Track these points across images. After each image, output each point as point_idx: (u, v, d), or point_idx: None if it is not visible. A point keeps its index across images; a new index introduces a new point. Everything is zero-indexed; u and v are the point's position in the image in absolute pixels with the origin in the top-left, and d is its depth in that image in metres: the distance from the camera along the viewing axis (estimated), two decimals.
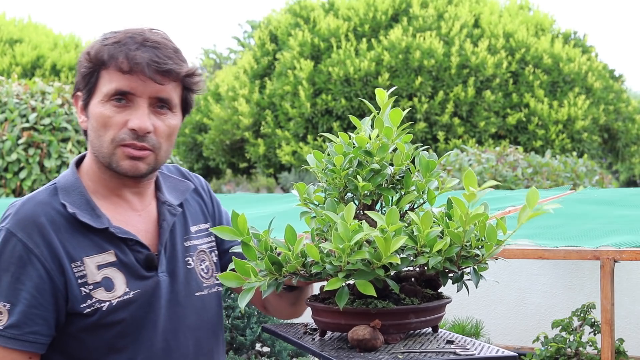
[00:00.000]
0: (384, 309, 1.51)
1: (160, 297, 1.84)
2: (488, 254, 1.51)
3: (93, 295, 1.77)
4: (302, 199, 1.66)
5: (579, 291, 4.58)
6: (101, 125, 1.78)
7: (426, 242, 1.48)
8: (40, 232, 1.76)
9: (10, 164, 8.55)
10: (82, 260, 1.77)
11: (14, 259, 1.74)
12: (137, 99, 1.78)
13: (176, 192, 1.96)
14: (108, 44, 1.78)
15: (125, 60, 1.75)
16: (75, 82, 1.86)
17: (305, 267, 1.51)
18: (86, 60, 1.80)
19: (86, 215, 1.80)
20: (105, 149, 1.79)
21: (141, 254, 1.83)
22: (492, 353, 1.47)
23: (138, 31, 1.80)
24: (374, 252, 1.44)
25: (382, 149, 1.60)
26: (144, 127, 1.77)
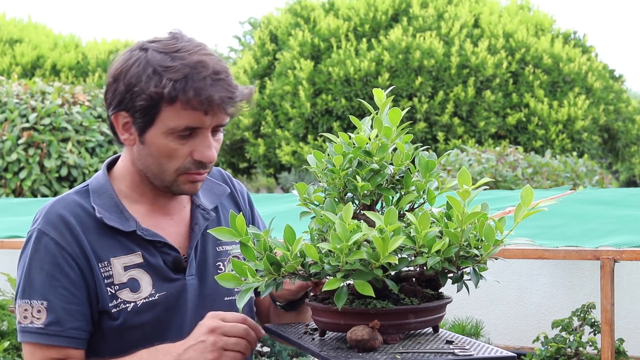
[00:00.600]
0: (383, 309, 1.51)
1: (187, 300, 1.84)
2: (487, 253, 1.51)
3: (119, 296, 1.78)
4: (302, 199, 1.66)
5: (579, 291, 4.58)
6: (165, 155, 1.77)
7: (424, 242, 1.48)
8: (71, 231, 1.77)
9: (10, 164, 8.55)
10: (109, 261, 1.79)
11: (47, 257, 1.76)
12: (203, 130, 1.76)
13: (212, 195, 1.96)
14: (174, 79, 1.70)
15: (200, 101, 1.70)
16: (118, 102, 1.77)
17: (304, 267, 1.51)
18: (147, 94, 1.71)
19: (114, 219, 1.81)
20: (168, 177, 1.80)
21: (169, 256, 1.83)
22: (491, 353, 1.47)
23: (199, 61, 1.72)
24: (372, 252, 1.44)
25: (381, 149, 1.61)
26: (213, 159, 1.79)
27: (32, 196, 8.53)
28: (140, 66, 1.74)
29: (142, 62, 1.74)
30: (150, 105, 1.73)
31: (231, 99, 1.74)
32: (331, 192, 1.64)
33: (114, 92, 1.77)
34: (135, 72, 1.74)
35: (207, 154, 1.77)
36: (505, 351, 1.49)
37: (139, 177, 1.85)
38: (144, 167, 1.82)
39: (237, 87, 1.76)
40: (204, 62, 1.73)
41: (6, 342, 3.88)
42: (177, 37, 1.79)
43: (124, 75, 1.76)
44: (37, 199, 7.34)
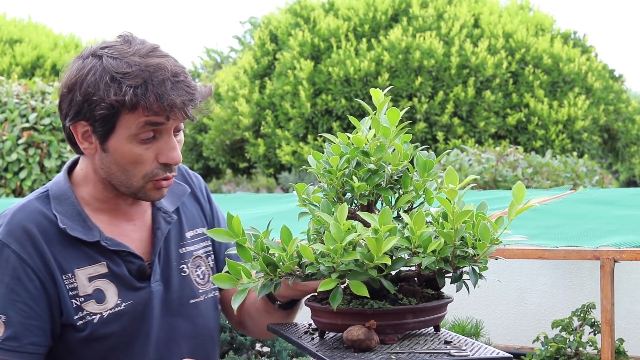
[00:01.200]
0: (380, 309, 1.51)
1: (153, 307, 1.82)
2: (483, 253, 1.50)
3: (84, 308, 1.76)
4: (301, 199, 1.66)
5: (579, 291, 4.58)
6: (131, 162, 1.74)
7: (420, 242, 1.48)
8: (33, 243, 1.74)
9: (10, 164, 8.55)
10: (73, 272, 1.75)
11: (8, 270, 1.72)
12: (165, 132, 1.74)
13: (173, 196, 1.92)
14: (133, 85, 1.67)
15: (159, 104, 1.67)
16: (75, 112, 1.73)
17: (301, 268, 1.51)
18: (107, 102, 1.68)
19: (77, 228, 1.77)
20: (136, 184, 1.76)
21: (134, 265, 1.81)
22: (487, 354, 1.47)
23: (156, 64, 1.69)
24: (367, 253, 1.44)
25: (379, 149, 1.60)
26: (179, 160, 1.77)
27: None
28: (97, 74, 1.70)
29: (98, 69, 1.70)
30: (111, 113, 1.69)
31: (192, 101, 1.72)
32: (329, 193, 1.64)
33: (70, 102, 1.73)
34: (92, 81, 1.70)
35: (172, 155, 1.75)
36: (502, 352, 1.49)
37: (101, 184, 1.81)
38: (109, 175, 1.78)
39: (196, 87, 1.74)
40: (161, 65, 1.69)
41: None
42: (129, 40, 1.75)
43: (79, 85, 1.71)
44: None
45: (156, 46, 1.76)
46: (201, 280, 1.93)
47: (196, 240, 1.95)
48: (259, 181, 24.90)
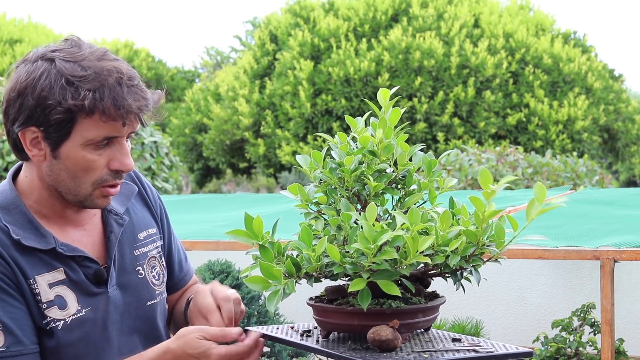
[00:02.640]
0: (398, 309, 1.51)
1: (111, 312, 1.79)
2: (501, 250, 1.52)
3: (48, 314, 1.72)
4: (304, 199, 1.66)
5: (579, 291, 4.58)
6: (82, 169, 1.69)
7: (444, 241, 1.49)
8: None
9: (10, 164, 8.56)
10: (34, 279, 1.71)
11: None
12: (120, 139, 1.70)
13: (121, 196, 1.87)
14: (90, 89, 1.62)
15: (116, 110, 1.63)
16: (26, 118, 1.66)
17: (320, 269, 1.51)
18: (62, 107, 1.62)
19: (31, 237, 1.72)
20: (84, 191, 1.71)
21: (90, 269, 1.77)
22: (509, 349, 1.48)
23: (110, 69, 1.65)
24: (398, 252, 1.45)
25: (387, 149, 1.61)
26: (131, 167, 1.73)
27: None
28: (51, 77, 1.64)
29: (52, 72, 1.64)
30: (67, 118, 1.64)
31: (146, 106, 1.69)
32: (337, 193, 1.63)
33: (20, 107, 1.66)
34: (46, 84, 1.64)
35: (125, 162, 1.71)
36: (521, 347, 1.50)
37: (47, 192, 1.76)
38: (56, 183, 1.72)
39: (147, 92, 1.70)
40: (116, 69, 1.66)
41: None
42: (78, 44, 1.70)
43: (32, 89, 1.64)
44: None
45: (106, 50, 1.72)
46: (157, 281, 1.90)
47: (149, 240, 1.91)
48: (259, 181, 24.91)
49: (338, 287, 1.60)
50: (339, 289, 1.59)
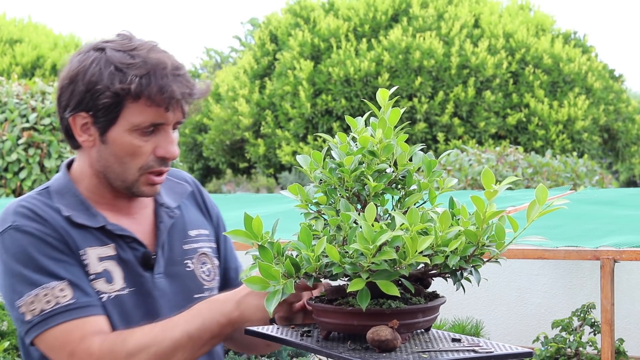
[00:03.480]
0: (397, 309, 1.51)
1: (157, 298, 1.82)
2: (501, 250, 1.52)
3: (94, 286, 1.76)
4: (304, 199, 1.66)
5: (579, 291, 4.58)
6: (129, 154, 1.76)
7: (443, 241, 1.49)
8: (45, 220, 1.75)
9: (10, 164, 8.56)
10: (84, 250, 1.76)
11: (41, 244, 1.73)
12: (166, 127, 1.77)
13: (174, 194, 1.93)
14: (138, 75, 1.70)
15: (160, 95, 1.70)
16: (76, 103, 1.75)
17: (320, 269, 1.51)
18: (110, 91, 1.71)
19: (81, 216, 1.78)
20: (131, 176, 1.78)
21: (138, 252, 1.82)
22: (509, 350, 1.48)
23: (158, 58, 1.73)
24: (397, 252, 1.45)
25: (386, 149, 1.61)
26: (176, 154, 1.79)
27: None
28: (101, 64, 1.72)
29: (102, 60, 1.73)
30: (114, 102, 1.72)
31: (191, 95, 1.75)
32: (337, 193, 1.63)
33: (72, 93, 1.75)
34: (95, 71, 1.72)
35: (170, 149, 1.77)
36: (521, 347, 1.50)
37: (97, 179, 1.83)
38: (105, 168, 1.79)
39: (194, 83, 1.78)
40: (163, 59, 1.74)
41: (6, 342, 3.87)
42: (129, 37, 1.79)
43: (82, 75, 1.73)
44: None
45: (155, 43, 1.80)
46: (207, 276, 1.92)
47: (200, 239, 1.95)
48: (259, 181, 24.91)
49: (338, 287, 1.60)
50: (339, 289, 1.59)
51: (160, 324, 1.71)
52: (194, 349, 1.70)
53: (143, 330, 1.70)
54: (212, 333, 1.69)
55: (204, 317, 1.69)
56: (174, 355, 1.69)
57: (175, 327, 1.69)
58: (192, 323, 1.69)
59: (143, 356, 1.67)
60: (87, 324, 1.70)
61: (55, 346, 1.70)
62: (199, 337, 1.69)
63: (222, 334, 1.70)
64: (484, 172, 1.48)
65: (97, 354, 1.67)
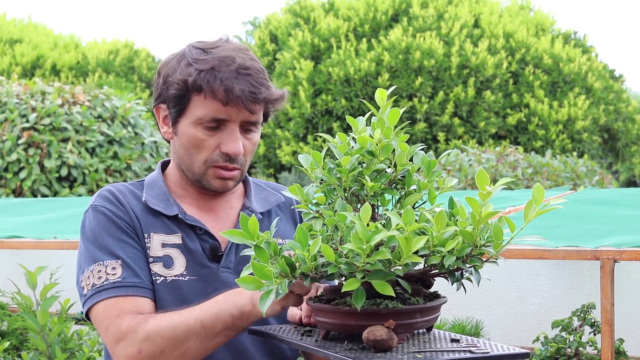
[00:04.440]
0: (394, 309, 1.51)
1: (218, 289, 1.84)
2: (497, 251, 1.51)
3: (152, 268, 1.83)
4: (303, 199, 1.66)
5: (579, 291, 4.58)
6: (194, 146, 1.84)
7: (438, 241, 1.49)
8: (121, 203, 1.87)
9: (10, 164, 8.55)
10: (149, 234, 1.85)
11: (110, 225, 1.84)
12: (230, 124, 1.82)
13: (264, 201, 2.01)
14: (201, 69, 1.79)
15: (222, 91, 1.77)
16: (157, 95, 1.88)
17: (316, 269, 1.50)
18: (177, 83, 1.81)
19: (159, 204, 1.89)
20: (197, 168, 1.87)
21: (207, 243, 1.88)
22: (506, 350, 1.48)
23: (229, 56, 1.80)
24: (392, 252, 1.44)
25: (385, 149, 1.61)
26: (238, 152, 1.83)
27: (32, 196, 8.53)
28: (176, 59, 1.85)
29: (180, 56, 1.85)
30: (181, 94, 1.82)
31: (253, 94, 1.79)
32: (333, 193, 1.63)
33: (156, 85, 1.89)
34: (172, 65, 1.85)
35: (232, 146, 1.83)
36: (518, 348, 1.50)
37: (178, 171, 1.94)
38: (179, 160, 1.90)
39: (267, 85, 1.83)
40: (233, 57, 1.80)
41: (6, 342, 3.87)
42: (223, 39, 1.89)
43: (163, 69, 1.87)
44: (37, 199, 7.34)
45: (245, 48, 1.88)
46: None
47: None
48: None
49: (336, 287, 1.60)
50: (337, 289, 1.59)
51: (180, 311, 1.76)
52: (206, 338, 1.73)
53: (164, 316, 1.75)
54: (225, 324, 1.71)
55: (219, 308, 1.72)
56: (186, 342, 1.72)
57: (191, 314, 1.73)
58: (207, 312, 1.72)
59: (158, 339, 1.72)
60: (127, 302, 1.77)
61: (98, 320, 1.79)
62: (211, 326, 1.71)
63: (235, 326, 1.72)
64: (478, 173, 1.48)
65: (124, 332, 1.74)
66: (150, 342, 1.72)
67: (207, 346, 1.74)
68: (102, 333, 1.79)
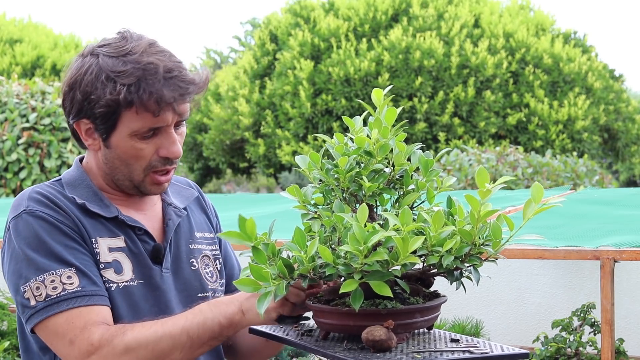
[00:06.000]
0: (393, 309, 1.51)
1: (166, 291, 1.84)
2: (496, 250, 1.51)
3: (104, 275, 1.77)
4: (302, 200, 1.66)
5: (579, 291, 4.58)
6: (132, 156, 1.79)
7: (436, 241, 1.49)
8: (59, 207, 1.78)
9: (10, 164, 8.56)
10: (96, 239, 1.79)
11: (53, 230, 1.74)
12: (166, 128, 1.78)
13: (181, 197, 1.98)
14: (126, 84, 1.71)
15: (153, 103, 1.72)
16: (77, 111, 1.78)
17: (314, 270, 1.50)
18: (104, 101, 1.72)
19: (95, 205, 1.82)
20: (137, 177, 1.82)
21: (148, 245, 1.84)
22: (506, 351, 1.48)
23: (150, 62, 1.73)
24: (390, 253, 1.44)
25: (382, 149, 1.60)
26: (179, 154, 1.81)
27: None
28: (94, 74, 1.74)
29: (95, 69, 1.75)
30: (110, 111, 1.74)
31: (183, 96, 1.75)
32: (332, 193, 1.63)
33: (72, 100, 1.78)
34: (89, 80, 1.74)
35: (173, 149, 1.79)
36: (518, 348, 1.50)
37: (106, 178, 1.87)
38: (112, 170, 1.83)
39: (192, 80, 1.78)
40: (154, 63, 1.73)
41: (6, 342, 3.87)
42: (127, 37, 1.79)
43: (79, 84, 1.76)
44: None
45: (153, 42, 1.80)
46: (210, 277, 1.94)
47: (205, 241, 1.98)
48: (259, 181, 24.90)
49: (335, 287, 1.60)
50: (336, 289, 1.59)
51: (161, 321, 1.71)
52: (192, 349, 1.70)
53: (144, 326, 1.70)
54: (212, 333, 1.69)
55: (205, 317, 1.69)
56: (171, 353, 1.69)
57: (175, 325, 1.70)
58: (192, 322, 1.69)
59: (141, 352, 1.67)
60: (91, 313, 1.70)
61: (57, 333, 1.70)
62: (198, 336, 1.69)
63: (222, 336, 1.70)
64: (478, 171, 1.48)
65: (97, 345, 1.67)
66: (131, 355, 1.67)
67: (191, 357, 1.71)
68: (64, 347, 1.69)
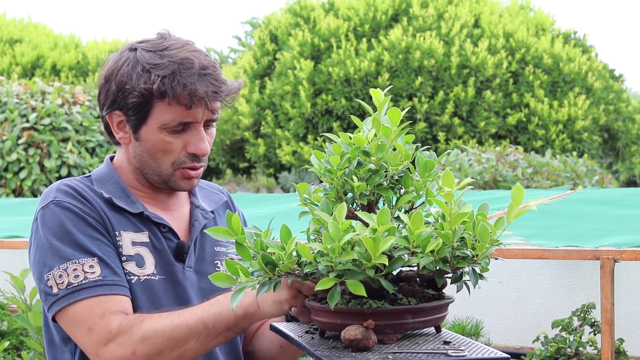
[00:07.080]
0: (378, 309, 1.51)
1: (187, 289, 1.86)
2: (482, 254, 1.50)
3: (125, 267, 1.81)
4: (302, 199, 1.66)
5: (579, 291, 4.58)
6: (160, 150, 1.83)
7: (419, 242, 1.48)
8: (86, 199, 1.82)
9: (10, 164, 8.56)
10: (119, 232, 1.83)
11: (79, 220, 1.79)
12: (195, 124, 1.83)
13: (209, 201, 2.02)
14: (162, 75, 1.77)
15: (186, 95, 1.76)
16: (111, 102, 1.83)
17: (300, 267, 1.51)
18: (138, 91, 1.78)
19: (121, 201, 1.86)
20: (165, 171, 1.86)
21: (172, 242, 1.88)
22: (484, 354, 1.47)
23: (186, 58, 1.79)
24: (365, 253, 1.44)
25: (379, 149, 1.60)
26: (206, 152, 1.85)
27: (32, 196, 8.54)
28: (130, 65, 1.80)
29: (132, 61, 1.81)
30: (142, 102, 1.79)
31: (216, 93, 1.80)
32: (329, 193, 1.64)
33: (107, 92, 1.84)
34: (125, 71, 1.80)
35: (200, 146, 1.83)
36: (499, 352, 1.49)
37: (134, 175, 1.91)
38: (141, 164, 1.87)
39: (224, 81, 1.83)
40: (190, 58, 1.80)
41: (6, 342, 3.87)
42: (165, 36, 1.86)
43: (115, 75, 1.82)
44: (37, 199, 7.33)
45: (190, 42, 1.87)
46: None
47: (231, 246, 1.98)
48: (259, 181, 24.90)
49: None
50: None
51: (179, 312, 1.74)
52: (207, 338, 1.72)
53: (161, 316, 1.73)
54: (228, 324, 1.71)
55: (222, 308, 1.71)
56: (187, 342, 1.71)
57: (192, 314, 1.72)
58: (209, 312, 1.72)
59: (157, 340, 1.70)
60: (111, 302, 1.74)
61: (77, 321, 1.74)
62: (214, 326, 1.71)
63: (237, 326, 1.72)
64: (444, 174, 1.48)
65: (115, 333, 1.70)
66: (147, 343, 1.70)
67: (206, 347, 1.74)
68: (83, 334, 1.73)
